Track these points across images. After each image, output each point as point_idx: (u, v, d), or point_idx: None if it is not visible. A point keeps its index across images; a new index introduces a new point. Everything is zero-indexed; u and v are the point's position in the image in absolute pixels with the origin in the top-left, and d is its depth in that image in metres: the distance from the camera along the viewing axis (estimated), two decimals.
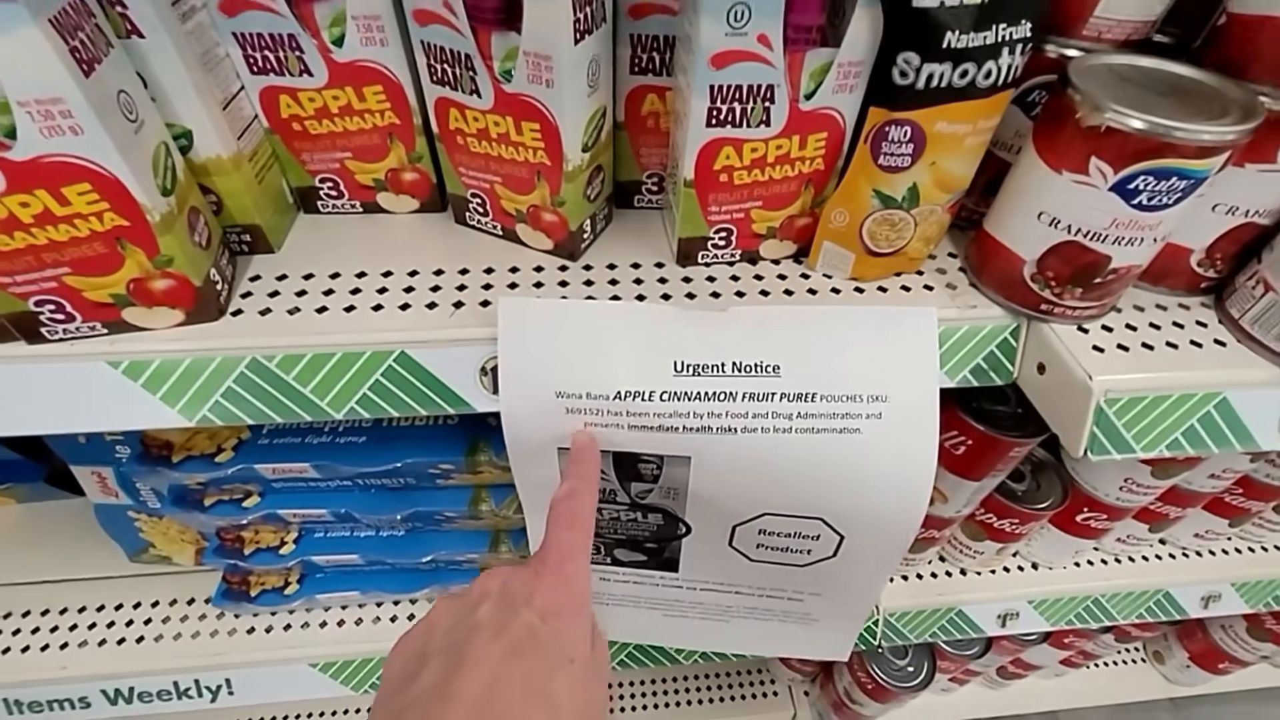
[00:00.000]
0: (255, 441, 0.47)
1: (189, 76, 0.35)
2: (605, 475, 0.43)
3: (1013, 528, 0.62)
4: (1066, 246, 0.37)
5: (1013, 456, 0.52)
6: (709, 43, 0.33)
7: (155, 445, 0.46)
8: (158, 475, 0.46)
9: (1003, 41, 0.34)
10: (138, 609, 0.62)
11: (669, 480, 0.42)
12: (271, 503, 0.50)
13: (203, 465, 0.46)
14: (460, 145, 0.41)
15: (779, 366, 0.39)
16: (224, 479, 0.47)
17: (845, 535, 0.44)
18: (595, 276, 0.43)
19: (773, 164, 0.39)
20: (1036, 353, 0.42)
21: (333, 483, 0.49)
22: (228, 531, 0.53)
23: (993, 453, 0.51)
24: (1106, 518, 0.62)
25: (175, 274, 0.35)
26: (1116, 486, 0.58)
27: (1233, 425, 0.40)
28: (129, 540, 0.62)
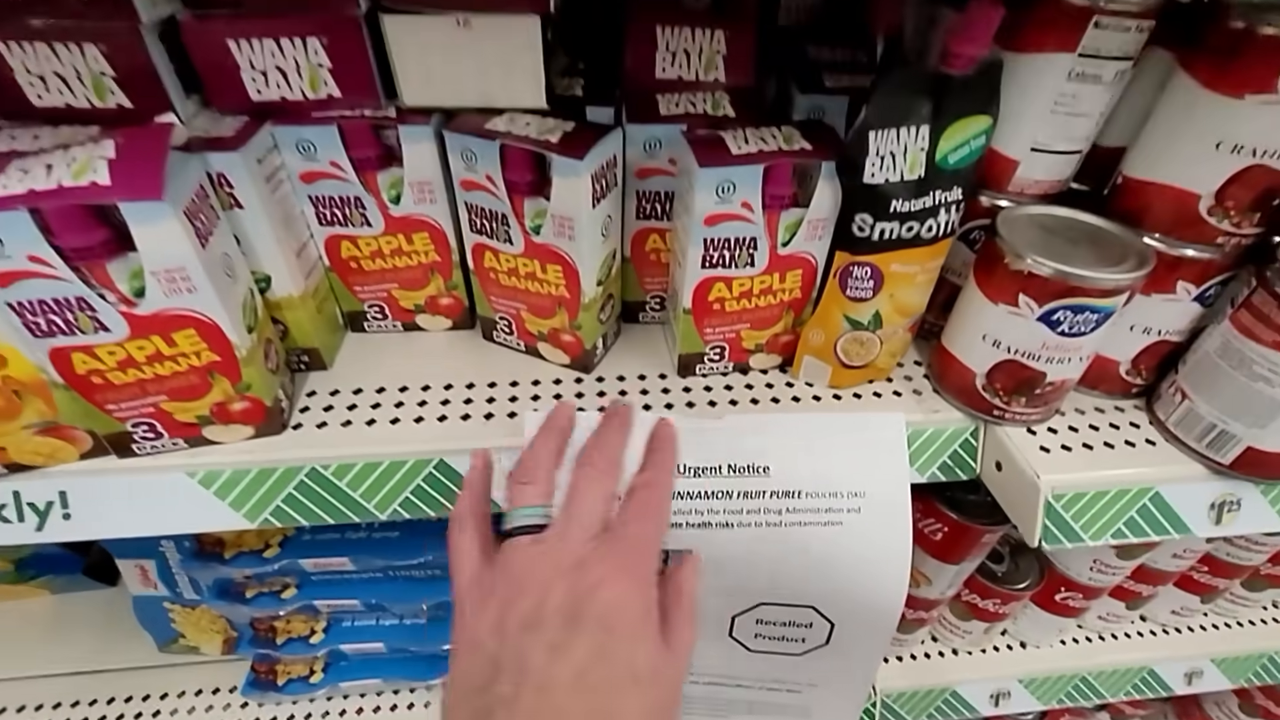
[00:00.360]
0: (299, 538, 0.52)
1: (273, 234, 0.42)
2: None
3: (996, 607, 0.65)
4: (1008, 364, 0.44)
5: (984, 543, 0.57)
6: (702, 208, 0.41)
7: (209, 542, 0.51)
8: (209, 569, 0.50)
9: (939, 204, 0.42)
10: (165, 699, 0.65)
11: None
12: (308, 594, 0.54)
13: (252, 560, 0.50)
14: (492, 280, 0.48)
15: (769, 468, 0.45)
16: (269, 573, 0.51)
17: (836, 622, 0.48)
18: (607, 388, 0.50)
19: (758, 295, 0.46)
20: (994, 452, 0.48)
21: (366, 574, 0.53)
22: (262, 622, 0.57)
23: (966, 539, 0.56)
24: (1083, 596, 0.66)
25: (251, 397, 0.42)
26: (1087, 567, 0.63)
27: (1168, 516, 0.45)
28: (161, 630, 0.65)
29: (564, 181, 0.40)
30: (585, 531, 0.34)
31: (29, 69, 0.38)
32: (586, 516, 0.34)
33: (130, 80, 0.39)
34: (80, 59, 0.38)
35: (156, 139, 0.34)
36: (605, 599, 0.31)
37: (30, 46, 0.37)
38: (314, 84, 0.41)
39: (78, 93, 0.39)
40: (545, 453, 0.39)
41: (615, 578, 0.32)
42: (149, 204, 0.33)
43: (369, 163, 0.44)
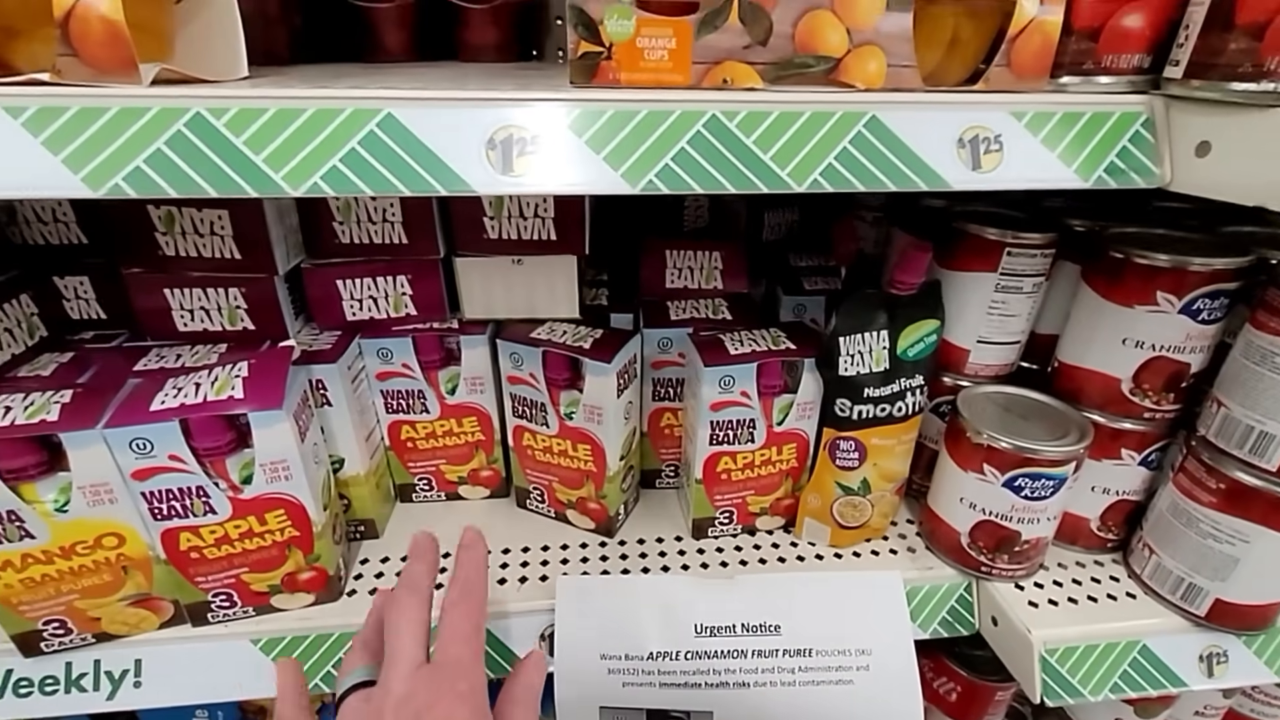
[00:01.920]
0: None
1: (351, 424, 0.51)
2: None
3: None
4: (986, 523, 0.50)
5: (999, 700, 0.58)
6: (708, 397, 0.49)
7: (251, 710, 0.53)
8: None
9: (905, 389, 0.50)
10: None
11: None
12: None
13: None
14: (529, 456, 0.56)
15: (779, 626, 0.49)
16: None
17: None
18: (628, 550, 0.55)
19: (760, 465, 0.53)
20: (988, 608, 0.51)
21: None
22: None
23: (981, 697, 0.57)
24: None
25: (318, 567, 0.47)
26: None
27: (1159, 669, 0.48)
28: None
29: (595, 379, 0.49)
30: (407, 667, 0.34)
31: (183, 306, 0.49)
32: (404, 654, 0.35)
33: (258, 311, 0.50)
34: (224, 297, 0.49)
35: (280, 360, 0.44)
36: (435, 717, 0.32)
37: (187, 291, 0.48)
38: (397, 307, 0.52)
39: (214, 320, 0.50)
40: (371, 619, 0.41)
41: (440, 700, 0.33)
42: (270, 413, 0.42)
43: (433, 364, 0.54)
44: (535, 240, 0.50)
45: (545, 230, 0.50)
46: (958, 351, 0.55)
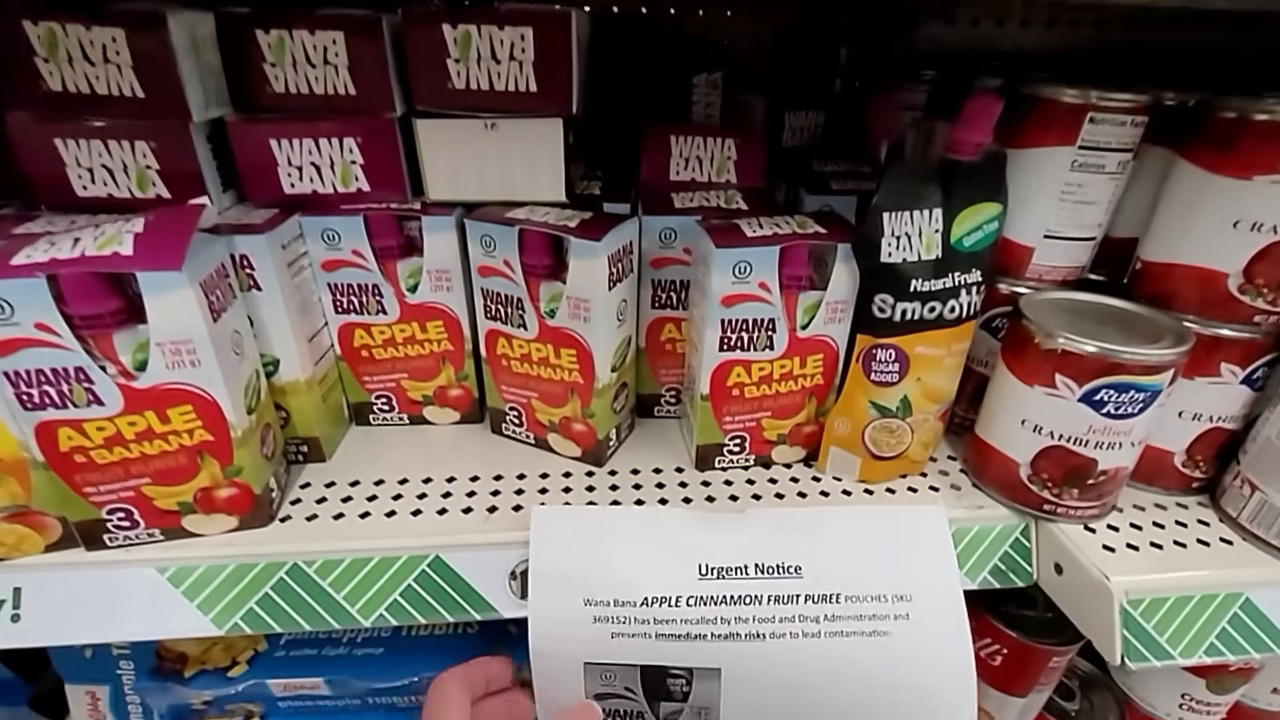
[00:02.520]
0: (271, 654, 0.46)
1: (288, 319, 0.42)
2: (632, 694, 0.40)
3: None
4: (1054, 450, 0.41)
5: (1053, 666, 0.49)
6: (719, 288, 0.40)
7: (170, 658, 0.45)
8: (165, 692, 0.44)
9: (959, 285, 0.41)
10: None
11: (700, 699, 0.40)
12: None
13: (215, 681, 0.44)
14: (504, 367, 0.47)
15: (800, 567, 0.40)
16: (232, 696, 0.45)
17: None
18: (620, 481, 0.46)
19: (779, 380, 0.44)
20: (1051, 553, 0.43)
21: (341, 701, 0.47)
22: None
23: (1033, 662, 0.49)
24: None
25: (240, 483, 0.39)
26: (1175, 704, 0.54)
27: (1264, 627, 0.39)
28: None
29: (581, 263, 0.40)
30: None
31: (80, 163, 0.40)
32: None
33: (173, 174, 0.41)
34: (129, 153, 0.40)
35: (185, 217, 0.35)
36: None
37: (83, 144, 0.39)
38: (345, 179, 0.44)
39: (120, 183, 0.41)
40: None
41: None
42: (166, 274, 0.33)
43: (390, 252, 0.45)
44: (512, 92, 0.41)
45: (524, 78, 0.40)
46: (1019, 250, 0.45)
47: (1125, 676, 0.58)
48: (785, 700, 0.39)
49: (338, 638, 0.47)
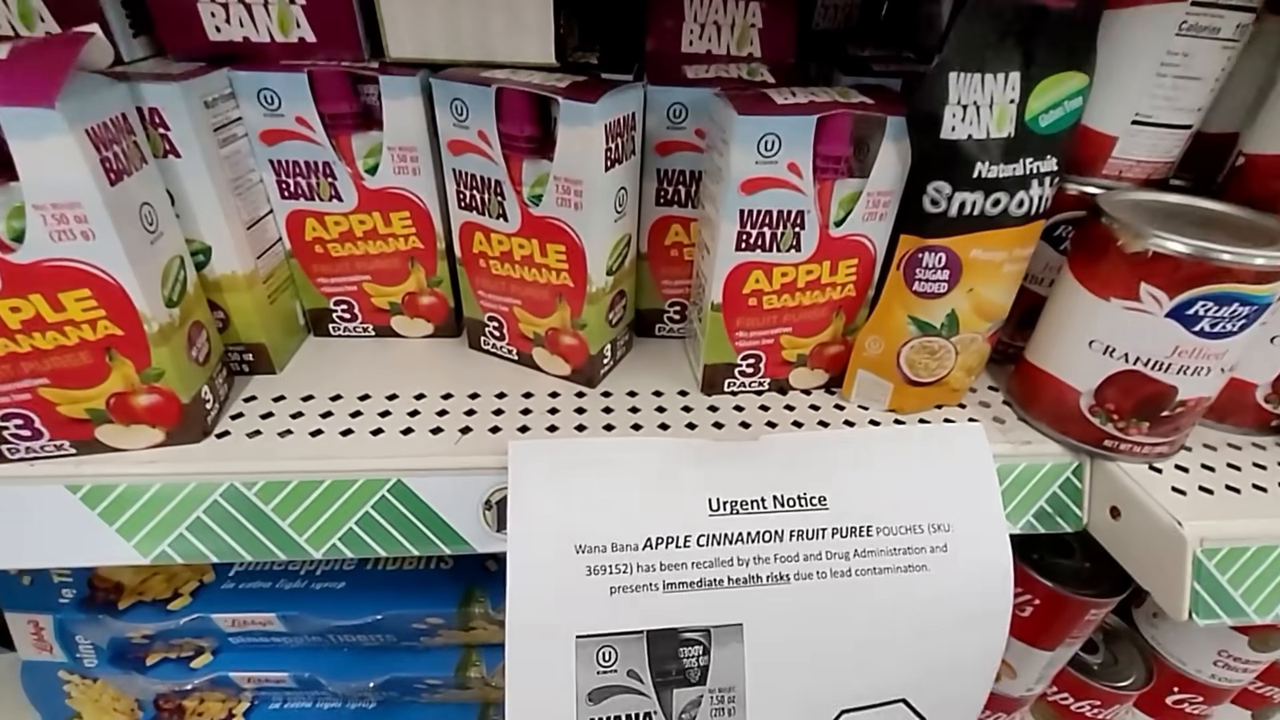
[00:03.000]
0: (218, 586, 0.41)
1: (217, 197, 0.35)
2: (638, 681, 0.32)
3: (1094, 712, 0.52)
4: (1126, 376, 0.35)
5: (1089, 620, 0.45)
6: (740, 170, 0.33)
7: (104, 588, 0.40)
8: (98, 625, 0.39)
9: (1031, 174, 0.34)
10: None
11: (721, 674, 0.33)
12: (225, 662, 0.42)
13: (153, 614, 0.39)
14: (482, 268, 0.40)
15: (824, 498, 0.35)
16: (175, 631, 0.40)
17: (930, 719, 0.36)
18: (614, 404, 0.40)
19: (803, 289, 0.38)
20: (1107, 495, 0.37)
21: (298, 639, 0.42)
22: (167, 699, 0.45)
23: (1066, 615, 0.44)
24: (1203, 701, 0.52)
25: (163, 389, 0.33)
26: (1210, 661, 0.50)
27: None
28: (53, 708, 0.52)
29: (572, 132, 0.33)
30: None
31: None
32: None
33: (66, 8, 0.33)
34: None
35: (66, 47, 0.28)
36: None
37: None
38: (284, 25, 0.35)
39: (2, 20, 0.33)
40: None
41: None
42: (35, 112, 0.25)
43: (343, 122, 0.37)
44: None
45: None
46: (1098, 140, 0.38)
47: (1154, 630, 0.54)
48: (816, 656, 0.34)
49: (294, 570, 0.42)
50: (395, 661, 0.42)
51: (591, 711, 0.31)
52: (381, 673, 0.42)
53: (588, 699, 0.31)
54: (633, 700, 0.32)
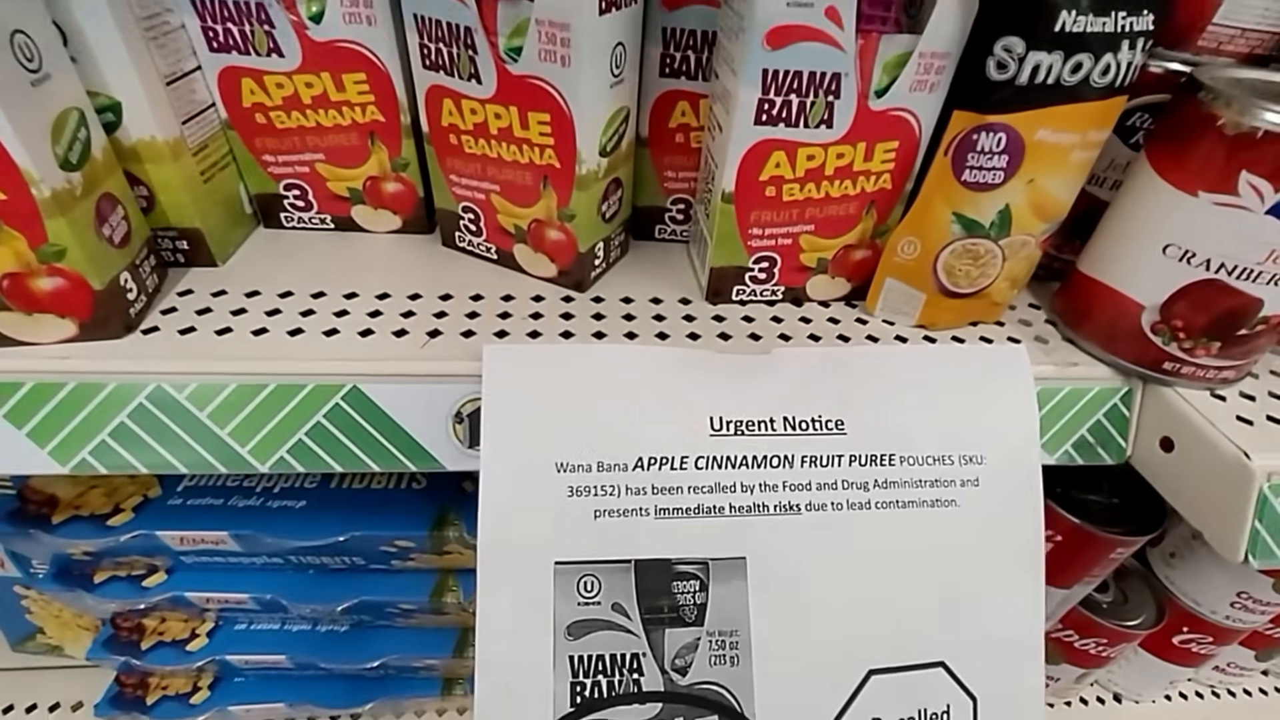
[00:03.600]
0: (164, 502, 0.37)
1: (123, 40, 0.28)
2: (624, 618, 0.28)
3: (1099, 649, 0.50)
4: (1204, 287, 0.30)
5: (1113, 559, 0.42)
6: (767, 13, 0.27)
7: (36, 500, 0.37)
8: (29, 539, 0.36)
9: (1123, 32, 0.27)
10: (9, 713, 0.50)
11: (721, 613, 0.29)
12: (179, 583, 0.39)
13: (91, 529, 0.36)
14: (454, 146, 0.34)
15: (842, 421, 0.30)
16: (118, 548, 0.36)
17: (977, 695, 0.31)
18: (606, 310, 0.35)
19: (831, 178, 0.32)
20: (1159, 424, 0.33)
21: (259, 560, 0.39)
22: (125, 618, 0.42)
23: (1090, 552, 0.41)
24: (1212, 641, 0.51)
25: (67, 272, 0.27)
26: (1227, 603, 0.48)
27: None
28: (13, 623, 0.50)
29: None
30: None
31: None
32: None
33: None
34: None
35: None
36: None
37: None
38: None
39: None
40: None
41: None
42: None
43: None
44: None
45: None
46: (1195, 3, 0.31)
47: (1169, 570, 0.51)
48: (834, 599, 0.30)
49: (249, 487, 0.39)
50: (365, 585, 0.39)
51: (571, 647, 0.27)
52: (349, 596, 0.39)
53: (566, 633, 0.28)
54: (618, 638, 0.28)
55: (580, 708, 0.27)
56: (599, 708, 0.27)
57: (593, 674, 0.27)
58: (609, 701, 0.27)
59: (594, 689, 0.27)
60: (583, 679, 0.27)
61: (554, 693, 0.27)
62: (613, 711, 0.27)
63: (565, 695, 0.27)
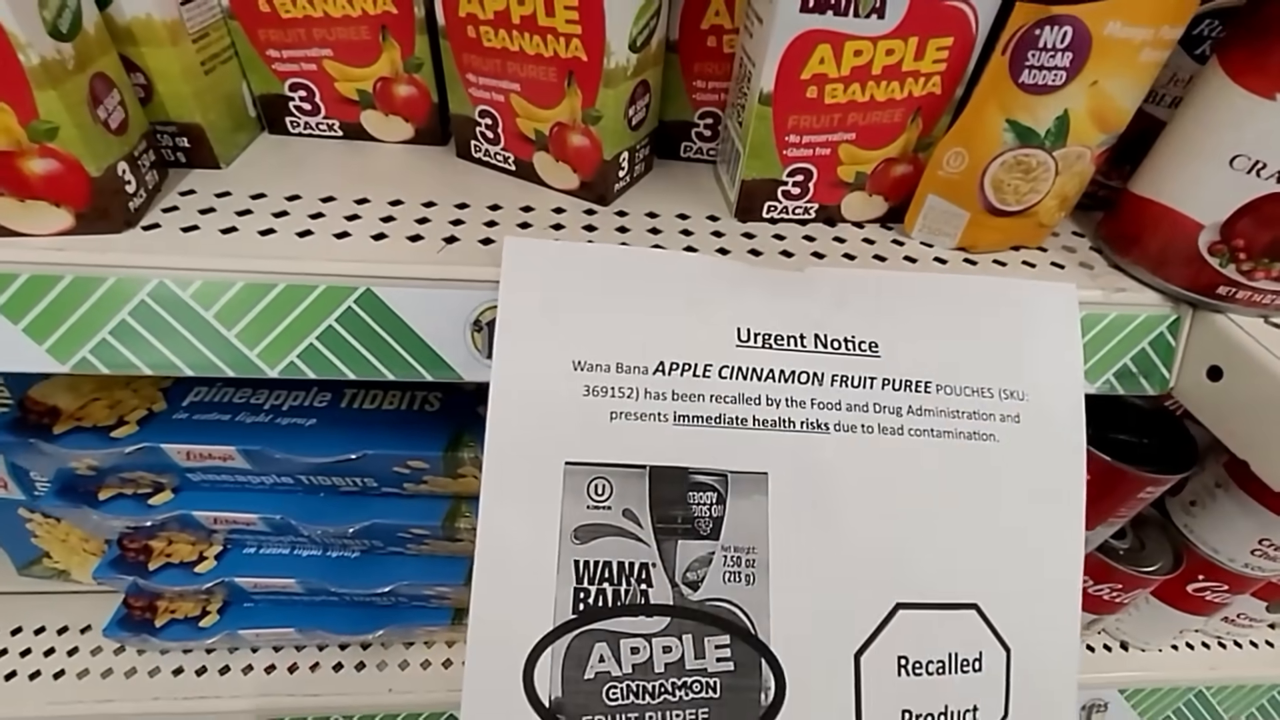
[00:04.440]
0: (169, 416, 0.36)
1: None
2: (635, 525, 0.27)
3: (1113, 595, 0.50)
4: (1273, 201, 0.28)
5: (1141, 498, 0.41)
6: None
7: (37, 410, 0.35)
8: (32, 451, 0.34)
9: None
10: (16, 636, 0.50)
11: (738, 528, 0.28)
12: (187, 501, 0.38)
13: (94, 440, 0.35)
14: (471, 40, 0.32)
15: (877, 344, 0.29)
16: (123, 463, 0.35)
17: (1011, 646, 0.30)
18: (631, 224, 0.33)
19: (878, 78, 0.30)
20: (1207, 353, 0.32)
21: (268, 479, 0.38)
22: (132, 540, 0.41)
23: (1120, 491, 0.40)
24: (1227, 589, 0.50)
25: (60, 153, 0.26)
26: (1248, 550, 0.47)
27: None
28: (18, 546, 0.50)
29: None
30: None
31: None
32: None
33: None
34: None
35: None
36: None
37: None
38: None
39: None
40: None
41: None
42: None
43: None
44: None
45: None
46: None
47: (1188, 518, 0.50)
48: (860, 525, 0.29)
49: (258, 404, 0.37)
50: (376, 507, 0.39)
51: (577, 551, 0.26)
52: (360, 518, 0.38)
53: (573, 535, 0.26)
54: (627, 545, 0.27)
55: (582, 615, 0.26)
56: (602, 617, 0.26)
57: (598, 581, 0.26)
58: (613, 611, 0.26)
59: (598, 596, 0.26)
60: (587, 585, 0.26)
61: (555, 597, 0.26)
62: (617, 622, 0.26)
63: (568, 601, 0.26)
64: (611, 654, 0.26)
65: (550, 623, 0.26)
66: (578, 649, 0.26)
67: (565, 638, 0.26)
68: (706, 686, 0.26)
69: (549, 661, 0.26)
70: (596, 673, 0.26)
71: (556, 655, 0.26)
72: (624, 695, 0.26)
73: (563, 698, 0.26)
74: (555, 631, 0.26)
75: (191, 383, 0.38)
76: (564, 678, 0.26)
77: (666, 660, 0.27)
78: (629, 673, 0.26)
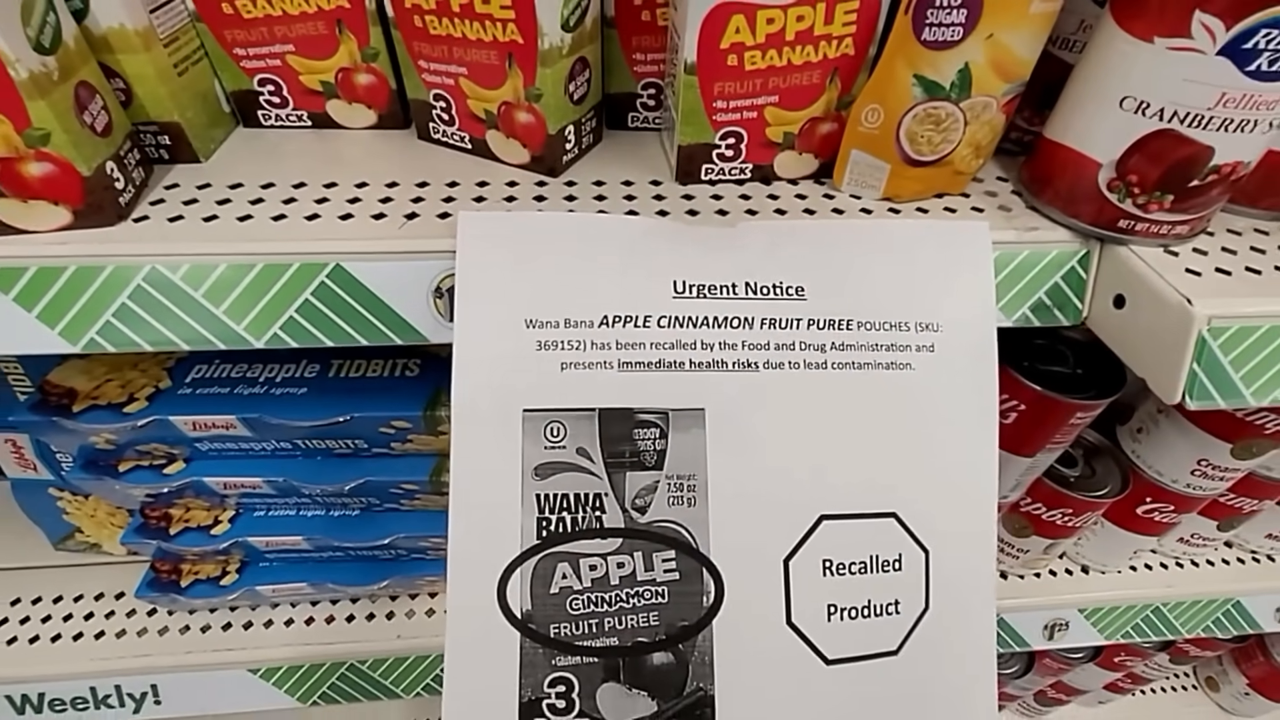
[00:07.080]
0: (175, 392, 0.40)
1: None
2: (587, 460, 0.31)
3: (1065, 520, 0.53)
4: (1157, 138, 0.30)
5: (1074, 424, 0.44)
6: None
7: (56, 392, 0.39)
8: (56, 429, 0.38)
9: None
10: (58, 603, 0.54)
11: (680, 459, 0.31)
12: (198, 469, 0.42)
13: (109, 416, 0.38)
14: (418, 29, 0.34)
15: (803, 288, 0.32)
16: (137, 437, 0.39)
17: (929, 548, 0.33)
18: (579, 193, 0.36)
19: (792, 43, 0.32)
20: (1113, 283, 0.34)
21: (269, 445, 0.42)
22: (153, 507, 0.46)
23: (1051, 419, 0.43)
24: (1174, 510, 0.53)
25: (54, 157, 0.29)
26: (1188, 471, 0.50)
27: None
28: (52, 524, 0.54)
29: None
30: None
31: None
32: None
33: None
34: None
35: None
36: None
37: None
38: None
39: None
40: None
41: None
42: None
43: None
44: None
45: None
46: None
47: (1136, 445, 0.53)
48: (789, 450, 0.32)
49: (253, 377, 0.41)
50: (368, 466, 0.42)
51: (538, 486, 0.30)
52: (355, 477, 0.42)
53: (534, 473, 0.30)
54: (582, 479, 0.31)
55: (546, 540, 0.30)
56: (563, 541, 0.30)
57: (558, 510, 0.30)
58: (573, 536, 0.30)
59: (559, 524, 0.30)
60: (549, 515, 0.30)
61: (522, 527, 0.30)
62: (576, 545, 0.30)
63: (532, 530, 0.30)
64: (573, 571, 0.30)
65: (518, 548, 0.30)
66: (543, 569, 0.30)
67: (532, 560, 0.30)
68: (656, 594, 0.30)
69: (519, 581, 0.30)
70: (560, 588, 0.30)
71: (525, 575, 0.30)
72: (585, 605, 0.30)
73: (532, 610, 0.30)
74: (523, 555, 0.30)
75: (192, 360, 0.42)
76: (533, 594, 0.30)
77: (621, 574, 0.30)
78: (588, 586, 0.30)
